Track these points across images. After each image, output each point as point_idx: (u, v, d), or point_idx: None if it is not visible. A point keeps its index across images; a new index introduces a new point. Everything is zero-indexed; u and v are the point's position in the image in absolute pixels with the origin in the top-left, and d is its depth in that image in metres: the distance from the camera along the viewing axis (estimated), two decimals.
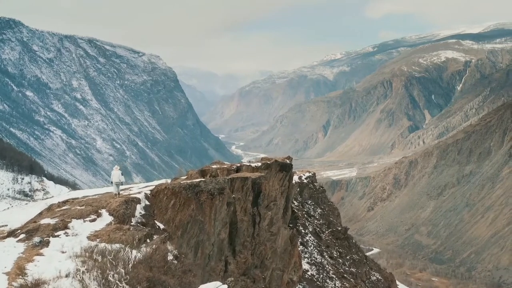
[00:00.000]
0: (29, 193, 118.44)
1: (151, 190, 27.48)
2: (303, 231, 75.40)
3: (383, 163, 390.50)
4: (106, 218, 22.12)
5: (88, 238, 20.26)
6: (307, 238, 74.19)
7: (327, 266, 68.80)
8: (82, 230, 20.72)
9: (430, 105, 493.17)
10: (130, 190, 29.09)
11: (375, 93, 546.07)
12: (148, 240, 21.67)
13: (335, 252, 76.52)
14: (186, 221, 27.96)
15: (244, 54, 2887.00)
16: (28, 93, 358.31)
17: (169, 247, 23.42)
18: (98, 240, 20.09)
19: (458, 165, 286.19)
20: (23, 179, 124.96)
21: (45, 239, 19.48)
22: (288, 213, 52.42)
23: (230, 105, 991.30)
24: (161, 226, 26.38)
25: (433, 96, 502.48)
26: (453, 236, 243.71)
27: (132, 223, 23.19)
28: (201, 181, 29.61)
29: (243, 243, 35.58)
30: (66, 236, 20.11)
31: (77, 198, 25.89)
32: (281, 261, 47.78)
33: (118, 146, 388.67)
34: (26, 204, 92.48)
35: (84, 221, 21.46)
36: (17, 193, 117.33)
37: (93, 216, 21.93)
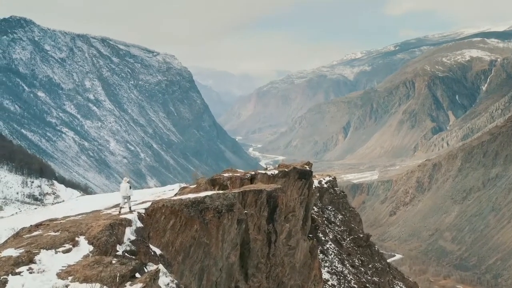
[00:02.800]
0: (39, 197, 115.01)
1: (145, 209, 23.37)
2: (323, 238, 74.97)
3: (406, 166, 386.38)
4: (83, 248, 17.96)
5: (58, 275, 16.19)
6: (328, 246, 72.08)
7: (348, 275, 66.79)
8: (51, 265, 16.61)
9: (454, 106, 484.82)
10: (122, 208, 24.99)
11: (397, 93, 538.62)
12: (137, 275, 17.57)
13: (356, 261, 74.61)
14: (189, 244, 24.16)
15: (260, 52, 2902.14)
16: (40, 93, 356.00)
17: (166, 279, 19.47)
18: (70, 278, 16.03)
19: (483, 168, 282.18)
20: (32, 182, 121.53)
21: (2, 278, 15.46)
22: (308, 223, 48.93)
23: (247, 106, 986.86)
24: (158, 252, 22.34)
25: (457, 97, 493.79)
26: (478, 242, 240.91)
27: (118, 253, 19.01)
28: (206, 196, 25.46)
29: (256, 265, 31.42)
30: (30, 273, 16.04)
31: (56, 219, 21.80)
32: (300, 275, 44.28)
33: (132, 148, 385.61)
34: (35, 209, 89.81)
35: (56, 252, 17.31)
36: (26, 197, 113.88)
37: (67, 246, 17.78)
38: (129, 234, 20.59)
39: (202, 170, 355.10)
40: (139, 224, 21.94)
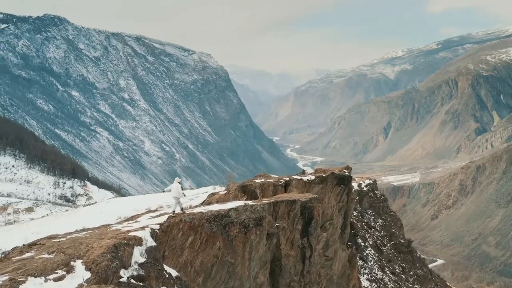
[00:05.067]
0: (71, 198, 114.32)
1: (160, 224, 20.47)
2: (362, 244, 73.90)
3: (448, 168, 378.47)
4: (79, 275, 15.12)
5: None
6: (367, 251, 70.26)
7: (388, 283, 64.76)
8: None
9: (498, 106, 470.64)
10: (136, 221, 22.18)
11: (440, 93, 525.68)
12: None
13: (397, 267, 72.67)
14: (210, 264, 21.51)
15: (298, 51, 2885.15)
16: (74, 93, 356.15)
17: None
18: None
19: None
20: (64, 183, 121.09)
21: None
22: (347, 231, 46.00)
23: (284, 106, 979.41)
24: (174, 274, 19.47)
25: (502, 96, 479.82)
26: None
27: (122, 279, 16.09)
28: (231, 209, 22.42)
29: (289, 284, 28.30)
30: None
31: (56, 237, 19.09)
32: (337, 287, 41.14)
33: (167, 149, 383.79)
34: (66, 210, 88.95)
35: (46, 280, 14.56)
36: (58, 198, 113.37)
37: (60, 272, 15.00)
38: (137, 255, 17.68)
39: (238, 171, 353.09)
40: (151, 243, 19.00)
